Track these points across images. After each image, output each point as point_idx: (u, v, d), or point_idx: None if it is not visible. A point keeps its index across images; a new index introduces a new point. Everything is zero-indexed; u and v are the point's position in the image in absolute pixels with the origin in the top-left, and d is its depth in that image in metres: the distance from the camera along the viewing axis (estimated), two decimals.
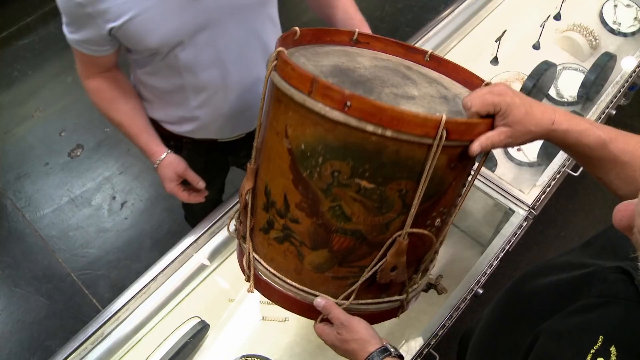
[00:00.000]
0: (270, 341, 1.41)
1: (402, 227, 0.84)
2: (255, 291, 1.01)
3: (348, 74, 0.92)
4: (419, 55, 1.06)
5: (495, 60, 1.98)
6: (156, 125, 1.46)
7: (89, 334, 1.29)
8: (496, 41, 1.91)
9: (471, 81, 1.00)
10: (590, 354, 0.59)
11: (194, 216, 1.88)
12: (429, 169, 0.78)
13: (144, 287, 1.36)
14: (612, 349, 0.58)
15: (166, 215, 2.62)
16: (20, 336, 2.35)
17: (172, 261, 1.39)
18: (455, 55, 1.98)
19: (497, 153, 1.72)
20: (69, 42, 1.20)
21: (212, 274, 1.48)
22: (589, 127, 0.79)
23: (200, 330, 1.36)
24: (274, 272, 0.95)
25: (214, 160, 1.64)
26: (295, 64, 0.80)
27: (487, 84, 0.93)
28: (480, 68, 1.97)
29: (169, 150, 1.39)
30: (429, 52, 1.04)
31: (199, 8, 1.15)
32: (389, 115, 0.74)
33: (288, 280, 0.94)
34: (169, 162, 1.38)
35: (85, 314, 2.38)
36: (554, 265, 0.81)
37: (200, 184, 1.42)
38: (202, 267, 1.45)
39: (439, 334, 1.26)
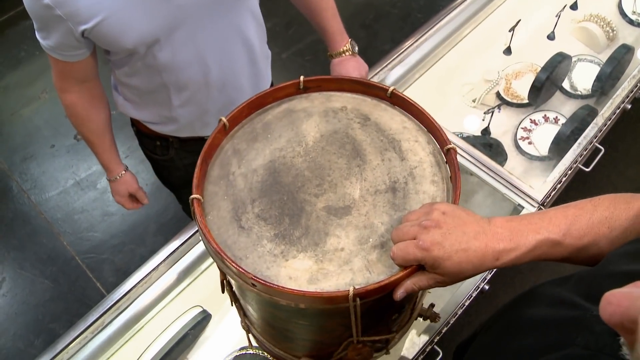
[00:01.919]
0: None
1: (354, 333, 0.83)
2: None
3: (281, 178, 0.85)
4: (380, 92, 0.94)
5: (508, 51, 1.94)
6: (141, 126, 1.46)
7: (89, 322, 1.28)
8: (510, 31, 1.87)
9: (435, 135, 0.89)
10: None
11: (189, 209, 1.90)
12: (355, 320, 0.76)
13: (146, 275, 1.34)
14: None
15: (171, 199, 2.59)
16: (24, 318, 2.36)
17: (175, 250, 1.37)
18: (467, 44, 1.94)
19: (508, 146, 1.69)
20: (44, 50, 1.17)
21: (214, 263, 1.47)
22: (538, 238, 0.72)
23: (202, 320, 1.35)
24: (262, 339, 1.05)
25: None
26: (208, 235, 0.76)
27: (450, 149, 0.83)
28: (493, 58, 1.92)
29: (126, 169, 1.53)
30: (390, 90, 0.92)
31: (174, 5, 1.11)
32: (295, 295, 0.71)
33: (277, 351, 1.03)
34: (124, 181, 1.53)
35: (89, 297, 2.38)
36: (547, 296, 0.77)
37: (145, 201, 1.63)
38: (204, 256, 1.43)
39: (443, 330, 1.24)
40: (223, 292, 0.89)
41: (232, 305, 0.97)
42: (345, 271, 0.75)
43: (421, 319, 1.06)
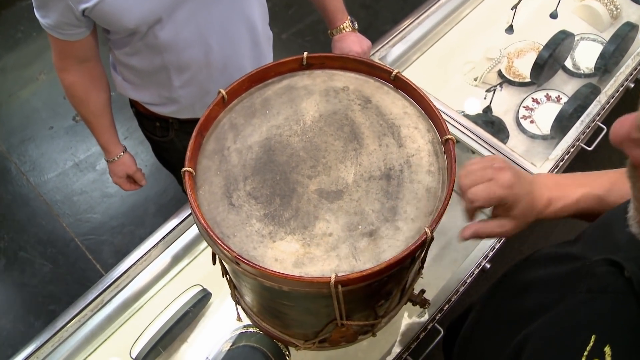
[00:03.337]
0: None
1: (338, 317, 0.83)
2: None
3: (276, 157, 0.83)
4: (384, 74, 0.91)
5: (510, 29, 1.91)
6: (140, 107, 1.44)
7: (89, 301, 1.28)
8: (512, 9, 1.85)
9: (436, 123, 0.86)
10: (584, 357, 0.54)
11: None
12: (338, 305, 0.75)
13: (145, 253, 1.34)
14: (607, 349, 0.53)
15: (171, 180, 2.59)
16: (24, 300, 2.35)
17: (174, 228, 1.37)
18: (469, 22, 1.92)
19: (509, 125, 1.68)
20: (44, 28, 1.15)
21: None
22: (583, 192, 0.73)
23: (202, 299, 1.34)
24: (251, 313, 1.06)
25: None
26: (197, 210, 0.76)
27: (448, 140, 0.81)
28: (494, 36, 1.90)
29: (124, 150, 1.51)
30: (394, 73, 0.89)
31: None
32: (278, 277, 0.70)
33: (264, 325, 1.03)
34: (122, 162, 1.52)
35: (89, 279, 2.38)
36: (546, 256, 0.77)
37: (143, 182, 1.61)
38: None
39: (445, 308, 1.24)
40: (214, 264, 0.89)
41: (223, 277, 0.97)
42: (332, 257, 0.74)
43: (411, 304, 1.06)
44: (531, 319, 0.65)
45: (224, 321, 1.35)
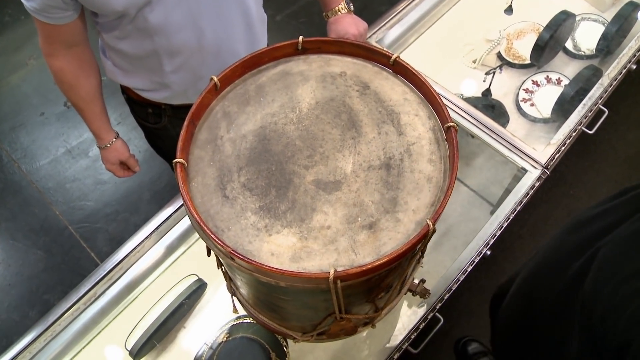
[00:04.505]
0: None
1: (336, 311, 0.81)
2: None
3: (271, 146, 0.80)
4: (382, 59, 0.88)
5: (509, 10, 1.87)
6: (132, 93, 1.41)
7: (82, 293, 1.26)
8: None
9: (437, 109, 0.83)
10: None
11: None
12: (337, 299, 0.73)
13: (139, 245, 1.31)
14: None
15: (165, 167, 2.56)
16: (19, 289, 2.33)
17: (168, 217, 1.34)
18: (467, 3, 1.88)
19: (509, 108, 1.64)
20: (29, 12, 1.10)
21: None
22: None
23: (197, 289, 1.32)
24: (247, 305, 1.03)
25: None
26: (189, 203, 0.73)
27: (450, 127, 0.77)
28: (493, 18, 1.86)
29: (117, 136, 1.46)
30: (394, 57, 0.86)
31: None
32: (274, 273, 0.68)
33: (261, 317, 1.01)
34: (115, 149, 1.47)
35: (83, 267, 2.35)
36: (607, 198, 0.77)
37: (136, 169, 1.56)
38: None
39: (445, 297, 1.22)
40: (209, 255, 0.86)
41: (218, 268, 0.94)
42: (330, 251, 0.72)
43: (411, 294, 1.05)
44: (601, 237, 0.66)
45: (221, 312, 1.33)
